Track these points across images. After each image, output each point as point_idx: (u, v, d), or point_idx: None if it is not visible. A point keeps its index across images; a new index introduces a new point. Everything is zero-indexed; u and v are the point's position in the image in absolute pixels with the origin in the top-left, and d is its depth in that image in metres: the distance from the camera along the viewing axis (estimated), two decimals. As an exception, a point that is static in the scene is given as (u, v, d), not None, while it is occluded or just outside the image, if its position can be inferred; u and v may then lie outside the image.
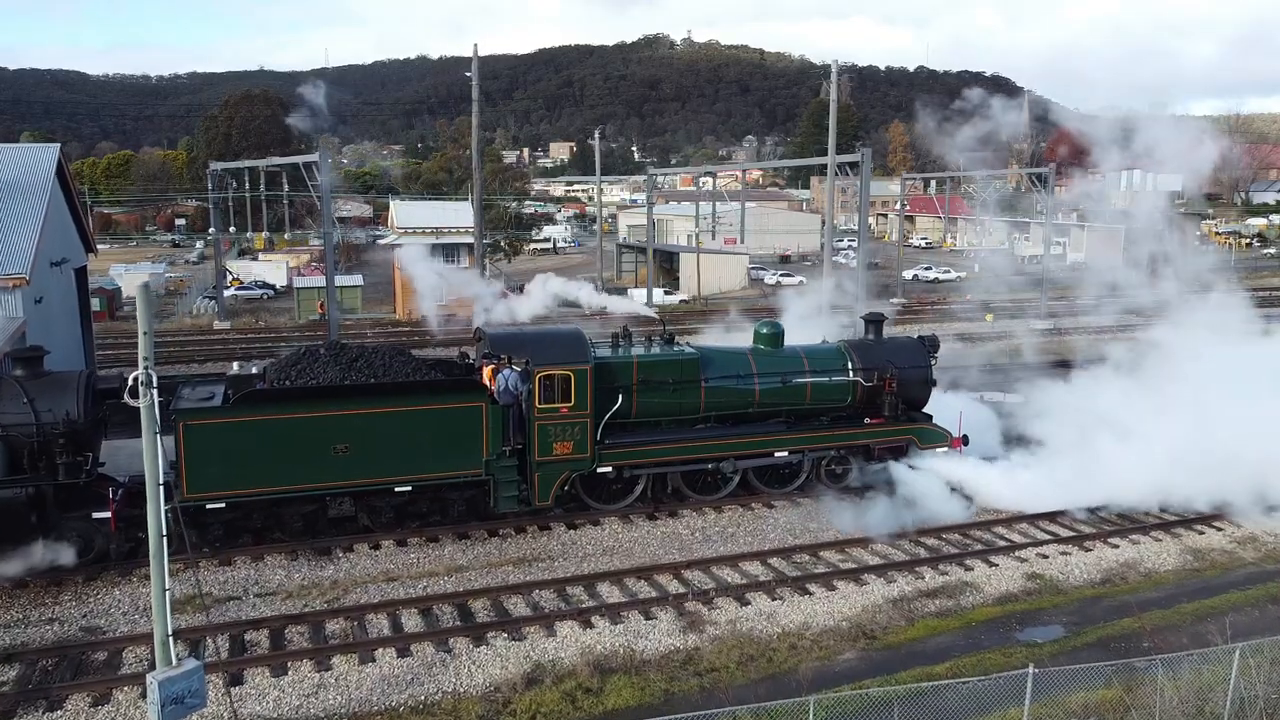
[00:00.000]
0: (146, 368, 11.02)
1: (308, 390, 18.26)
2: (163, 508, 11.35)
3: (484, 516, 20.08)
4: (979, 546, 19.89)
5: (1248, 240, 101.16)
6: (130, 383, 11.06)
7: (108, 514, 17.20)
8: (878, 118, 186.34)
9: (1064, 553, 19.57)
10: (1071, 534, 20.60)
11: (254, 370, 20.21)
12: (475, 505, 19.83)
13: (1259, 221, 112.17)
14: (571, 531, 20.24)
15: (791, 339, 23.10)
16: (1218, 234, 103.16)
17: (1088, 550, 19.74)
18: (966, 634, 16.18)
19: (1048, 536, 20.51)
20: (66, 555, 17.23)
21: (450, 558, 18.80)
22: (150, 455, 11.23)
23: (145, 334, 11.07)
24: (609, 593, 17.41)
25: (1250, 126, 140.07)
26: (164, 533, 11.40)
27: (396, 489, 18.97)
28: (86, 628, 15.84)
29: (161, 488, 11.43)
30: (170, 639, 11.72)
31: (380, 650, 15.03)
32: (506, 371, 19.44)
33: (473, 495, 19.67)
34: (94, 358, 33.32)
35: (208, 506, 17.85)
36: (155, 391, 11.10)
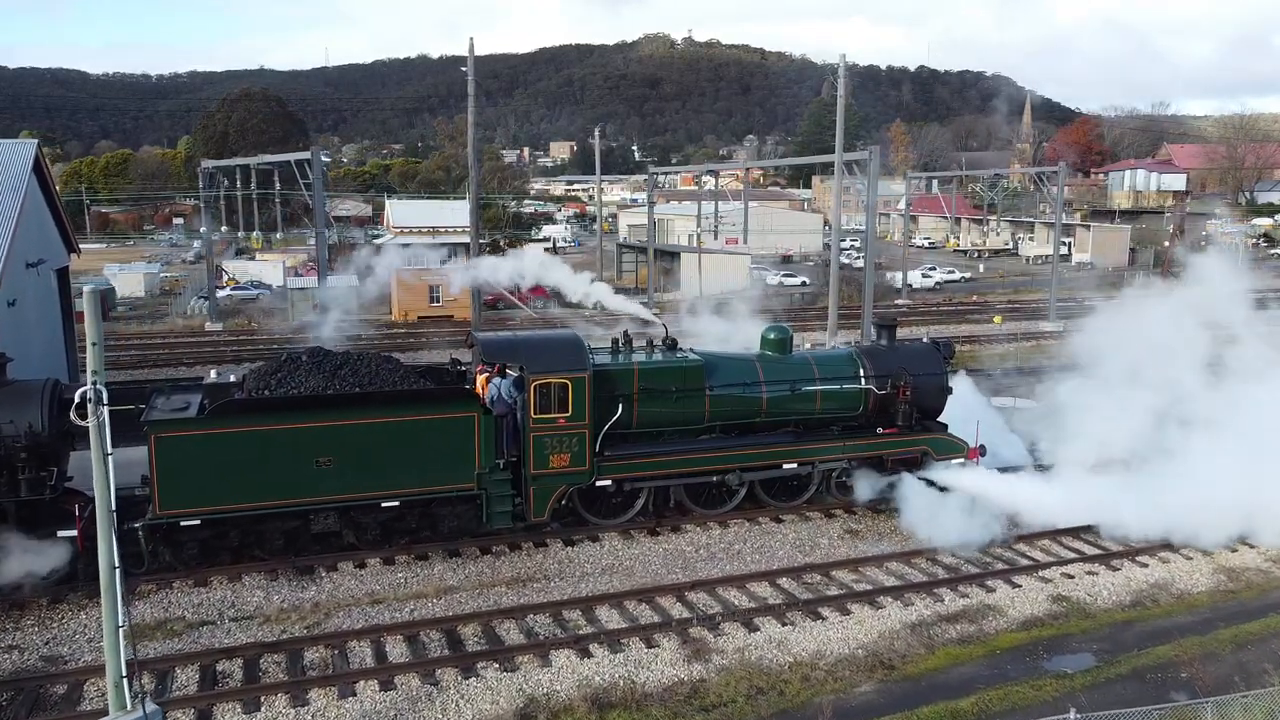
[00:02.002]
0: (95, 382, 9.96)
1: (288, 400, 17.21)
2: (114, 539, 10.26)
3: (476, 533, 19.00)
4: (1000, 565, 18.80)
5: (1254, 240, 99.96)
6: (77, 399, 10.00)
7: (74, 532, 16.17)
8: (879, 117, 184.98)
9: (1090, 572, 18.48)
10: (1097, 551, 19.50)
11: (232, 378, 19.17)
12: (467, 521, 18.74)
13: (1265, 221, 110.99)
14: (569, 549, 19.17)
15: None
16: (1223, 234, 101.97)
17: (1115, 569, 18.65)
18: (991, 663, 15.10)
19: (1072, 554, 19.42)
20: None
21: (440, 577, 17.73)
22: (100, 480, 10.17)
23: (94, 345, 10.01)
24: (608, 617, 16.31)
25: (1254, 126, 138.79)
26: (115, 564, 10.33)
27: (383, 504, 17.94)
28: (47, 656, 14.76)
29: (114, 512, 10.38)
30: (125, 680, 10.65)
31: (362, 683, 13.95)
32: (500, 380, 18.40)
33: (464, 510, 18.56)
34: (77, 363, 32.16)
35: (182, 523, 16.85)
36: (106, 410, 10.03)
